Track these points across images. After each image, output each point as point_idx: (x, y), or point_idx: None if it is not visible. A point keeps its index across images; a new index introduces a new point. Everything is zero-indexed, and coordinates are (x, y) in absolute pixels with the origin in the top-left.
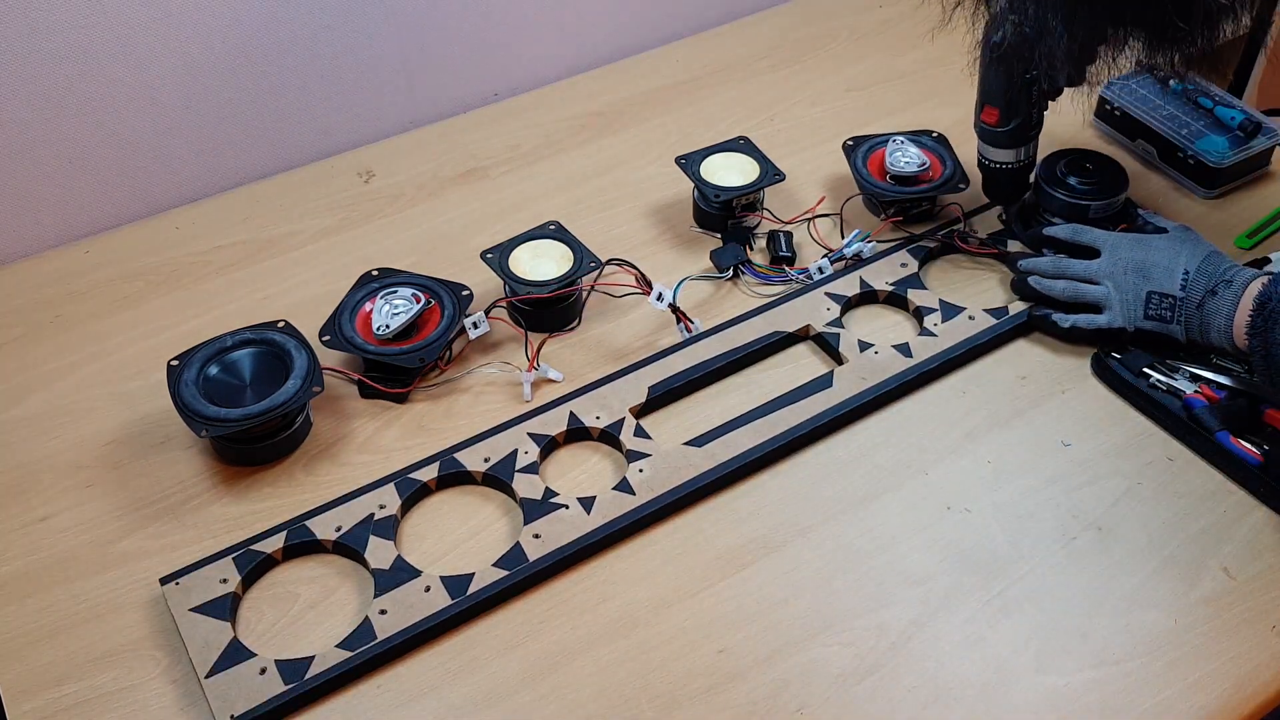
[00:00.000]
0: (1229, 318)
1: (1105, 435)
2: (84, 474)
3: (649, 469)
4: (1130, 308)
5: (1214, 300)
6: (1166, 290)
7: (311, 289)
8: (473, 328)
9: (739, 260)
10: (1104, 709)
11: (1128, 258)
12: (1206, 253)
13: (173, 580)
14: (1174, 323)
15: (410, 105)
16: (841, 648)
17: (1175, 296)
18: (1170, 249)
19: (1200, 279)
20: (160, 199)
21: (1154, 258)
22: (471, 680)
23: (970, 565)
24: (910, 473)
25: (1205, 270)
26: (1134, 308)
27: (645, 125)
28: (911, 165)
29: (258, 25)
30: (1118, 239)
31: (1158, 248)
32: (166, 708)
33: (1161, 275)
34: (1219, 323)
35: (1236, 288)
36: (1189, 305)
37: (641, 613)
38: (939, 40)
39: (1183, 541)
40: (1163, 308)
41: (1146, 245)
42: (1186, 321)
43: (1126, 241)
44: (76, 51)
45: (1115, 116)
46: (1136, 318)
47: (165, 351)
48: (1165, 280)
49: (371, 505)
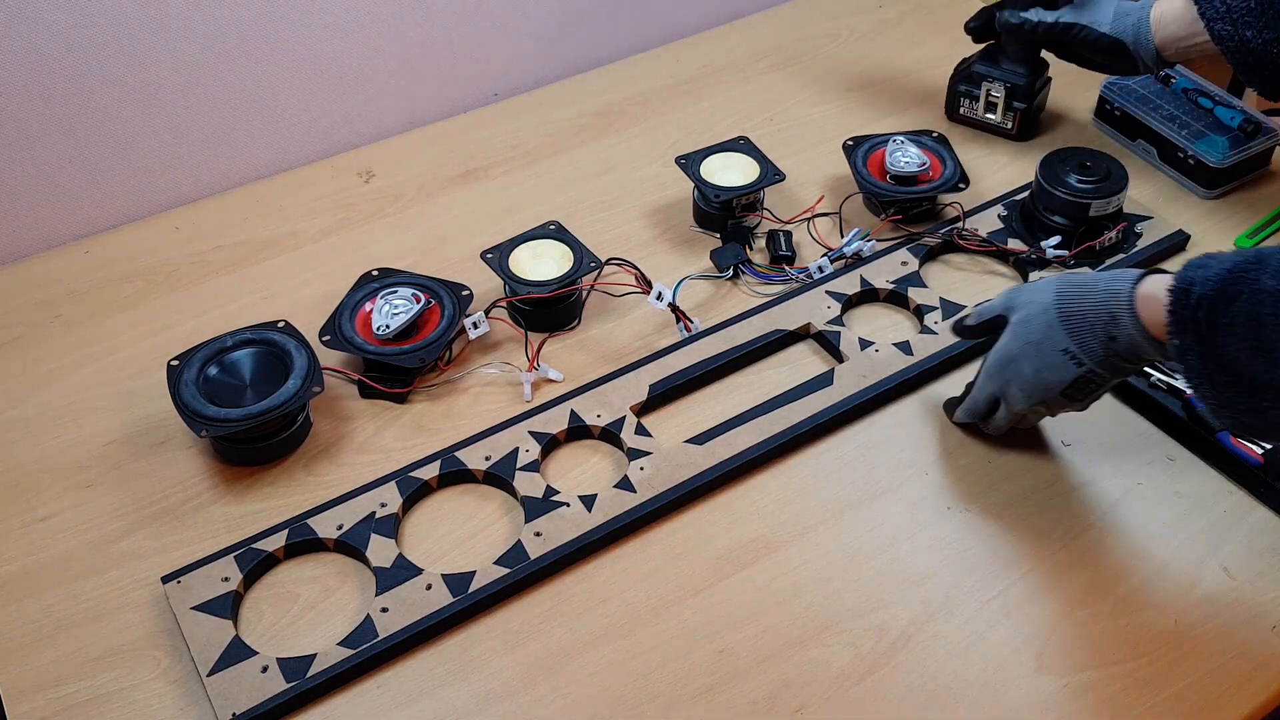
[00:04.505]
0: (1141, 331)
1: (1105, 435)
2: (84, 474)
3: (650, 467)
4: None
5: (1121, 335)
6: (1066, 380)
7: (311, 289)
8: (473, 328)
9: (739, 260)
10: (1104, 709)
11: (1006, 376)
12: (1063, 320)
13: (174, 579)
14: (1100, 387)
15: (410, 105)
16: (841, 648)
17: (1082, 376)
18: (1028, 349)
19: (1089, 344)
20: (160, 199)
21: (1027, 372)
22: (472, 679)
23: (970, 565)
24: (910, 472)
25: (1081, 333)
26: (1044, 394)
27: (645, 125)
28: (911, 165)
29: (258, 25)
30: (994, 359)
31: (1021, 355)
32: (166, 707)
33: (1051, 373)
34: (1141, 345)
35: (1125, 311)
36: (1101, 364)
37: (642, 612)
38: (939, 40)
39: (1183, 541)
40: (1084, 392)
41: (1013, 360)
42: (1112, 369)
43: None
44: (76, 51)
45: (1115, 116)
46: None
47: (165, 351)
48: (1057, 374)
49: (373, 504)
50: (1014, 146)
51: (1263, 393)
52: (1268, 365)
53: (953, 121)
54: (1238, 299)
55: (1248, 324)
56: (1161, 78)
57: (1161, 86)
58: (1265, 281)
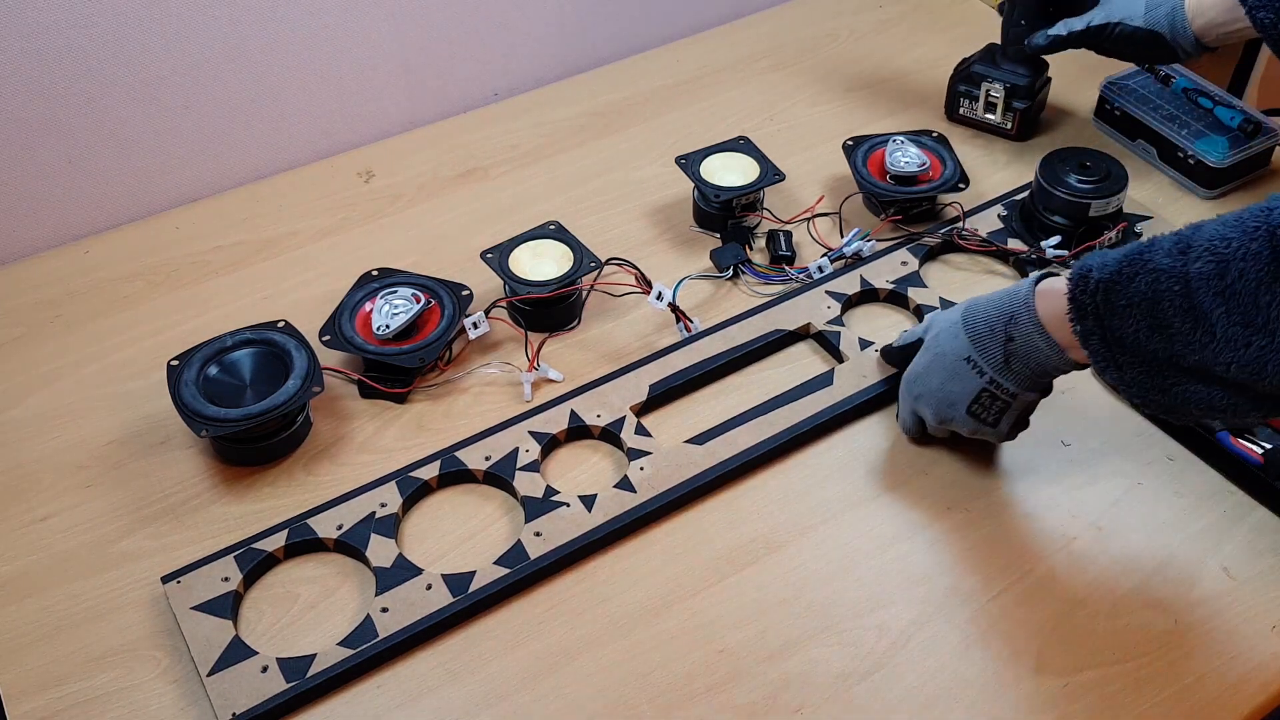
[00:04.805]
0: (1038, 328)
1: (1105, 435)
2: (84, 474)
3: (650, 467)
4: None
5: (1019, 335)
6: (970, 391)
7: (311, 289)
8: (473, 328)
9: (738, 260)
10: (1104, 709)
11: (917, 393)
12: (967, 329)
13: (174, 579)
14: (1007, 412)
15: (410, 105)
16: (841, 648)
17: (985, 390)
18: (935, 361)
19: (989, 348)
20: (160, 199)
21: (933, 384)
22: (472, 679)
23: (970, 565)
24: (910, 472)
25: (982, 339)
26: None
27: (645, 125)
28: (911, 165)
29: (258, 25)
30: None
31: (928, 369)
32: (166, 707)
33: (955, 385)
34: (1037, 346)
35: (1021, 308)
36: (1002, 374)
37: (642, 612)
38: (939, 40)
39: (1183, 541)
40: (991, 410)
41: (921, 375)
42: (1015, 379)
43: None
44: (76, 51)
45: (1115, 116)
46: (960, 418)
47: (165, 351)
48: (960, 385)
49: (373, 504)
50: (1014, 146)
51: (1165, 370)
52: (1165, 341)
53: (952, 121)
54: (1135, 279)
55: (1144, 302)
56: (1162, 78)
57: (1161, 86)
58: (1160, 260)
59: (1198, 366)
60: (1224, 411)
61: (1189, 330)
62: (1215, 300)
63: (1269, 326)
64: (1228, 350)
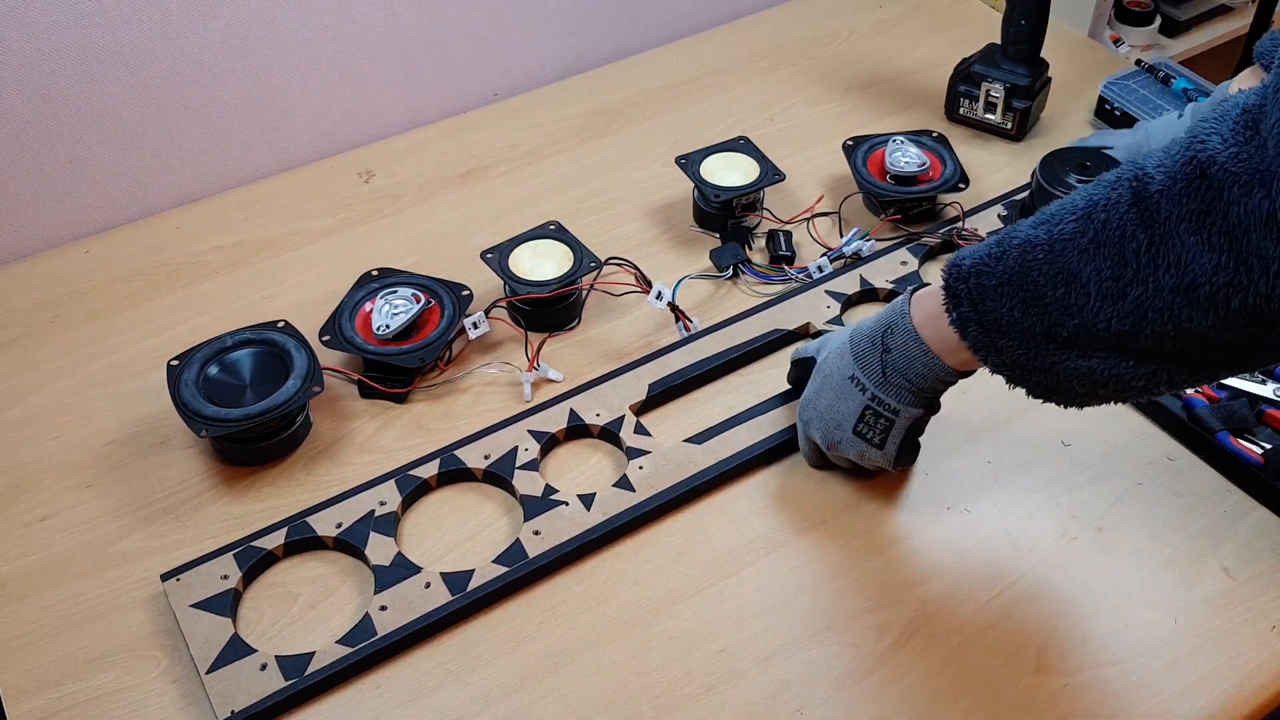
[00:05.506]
0: (913, 335)
1: (1105, 435)
2: (84, 474)
3: (649, 466)
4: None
5: (894, 344)
6: (854, 410)
7: (311, 289)
8: (473, 328)
9: (738, 259)
10: (1104, 709)
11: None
12: (852, 346)
13: (174, 576)
14: (893, 428)
15: (410, 105)
16: (841, 648)
17: (869, 406)
18: (825, 383)
19: (870, 363)
20: (160, 199)
21: (822, 406)
22: (471, 678)
23: (970, 565)
24: (910, 472)
25: (864, 354)
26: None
27: (645, 125)
28: (911, 165)
29: (258, 25)
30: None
31: (818, 391)
32: (166, 707)
33: (841, 404)
34: (913, 353)
35: (898, 316)
36: (882, 388)
37: (642, 612)
38: (939, 40)
39: (1183, 541)
40: (875, 429)
41: (811, 399)
42: (895, 392)
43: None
44: (76, 51)
45: (1115, 116)
46: (846, 438)
47: (165, 351)
48: (845, 404)
49: (372, 502)
50: (1014, 146)
51: (1044, 346)
52: (1041, 314)
53: (952, 121)
54: (1004, 257)
55: (1015, 277)
56: (1161, 78)
57: (1161, 86)
58: (1025, 231)
59: (1077, 333)
60: (1105, 385)
61: (1063, 295)
62: (1082, 258)
63: (1141, 274)
64: (1106, 305)
